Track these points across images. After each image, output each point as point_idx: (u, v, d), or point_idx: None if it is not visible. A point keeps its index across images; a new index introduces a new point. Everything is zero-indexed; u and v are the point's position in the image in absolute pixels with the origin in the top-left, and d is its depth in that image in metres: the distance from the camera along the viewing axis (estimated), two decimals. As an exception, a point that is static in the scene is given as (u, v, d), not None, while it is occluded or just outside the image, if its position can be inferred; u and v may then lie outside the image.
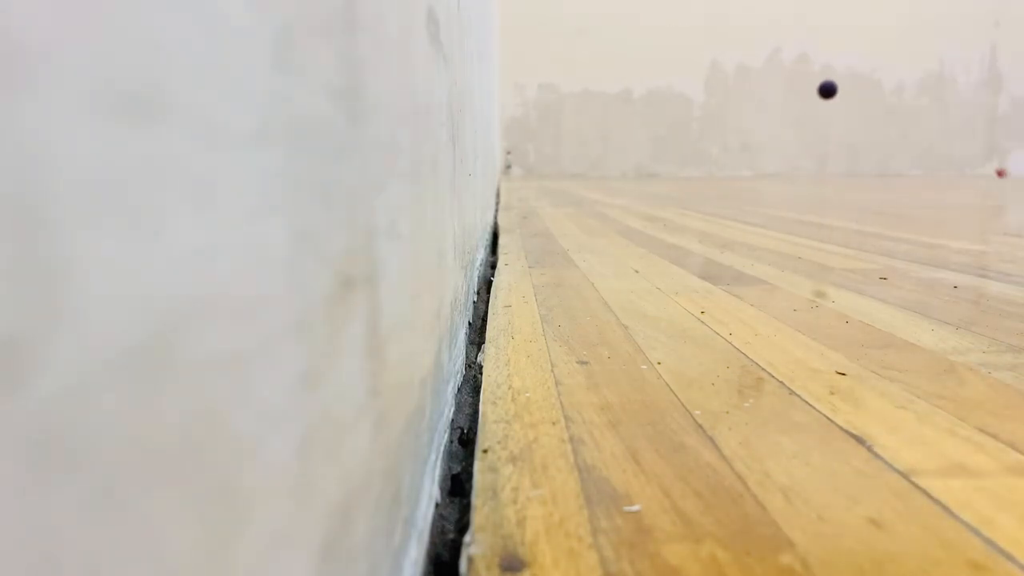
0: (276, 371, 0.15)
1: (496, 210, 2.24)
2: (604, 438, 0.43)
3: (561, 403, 0.49)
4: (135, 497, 0.10)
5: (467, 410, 0.51)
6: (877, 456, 0.40)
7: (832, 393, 0.51)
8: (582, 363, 0.59)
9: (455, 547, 0.33)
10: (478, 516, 0.33)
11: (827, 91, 3.08)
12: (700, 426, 0.44)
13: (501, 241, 1.46)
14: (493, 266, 1.16)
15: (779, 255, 1.24)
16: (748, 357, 0.60)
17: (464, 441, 0.45)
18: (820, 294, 0.88)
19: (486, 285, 0.99)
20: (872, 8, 6.72)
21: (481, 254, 1.10)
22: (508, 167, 6.40)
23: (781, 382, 0.53)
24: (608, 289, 0.92)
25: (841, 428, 0.44)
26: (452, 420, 0.47)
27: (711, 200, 2.83)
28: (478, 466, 0.39)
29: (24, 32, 0.08)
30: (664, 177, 6.14)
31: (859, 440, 0.42)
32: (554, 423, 0.45)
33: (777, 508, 0.34)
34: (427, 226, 0.39)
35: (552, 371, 0.56)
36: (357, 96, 0.22)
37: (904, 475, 0.37)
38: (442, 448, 0.40)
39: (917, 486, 0.36)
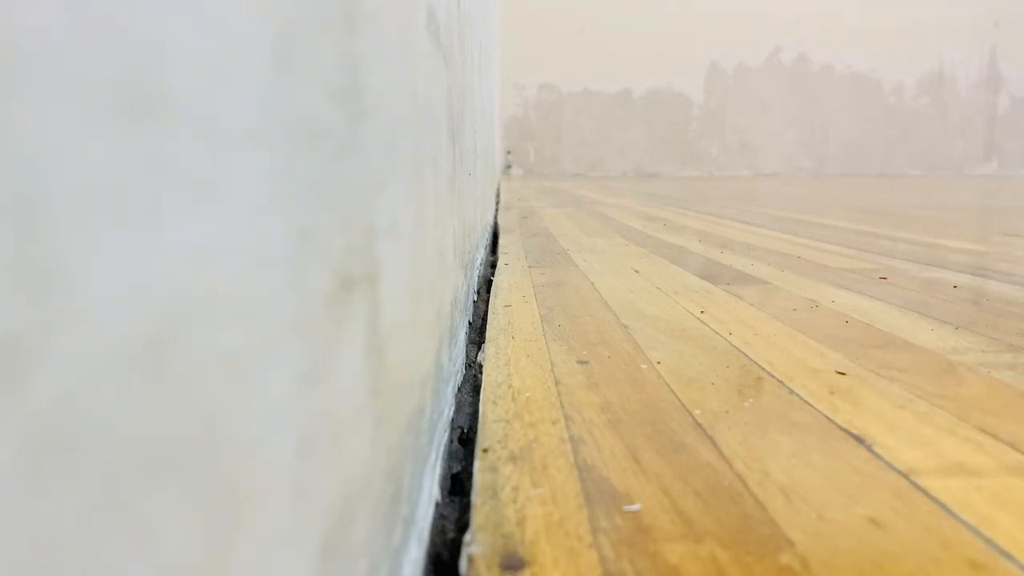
0: (276, 371, 0.15)
1: (496, 210, 2.24)
2: (604, 437, 0.43)
3: (561, 402, 0.49)
4: (135, 497, 0.10)
5: (467, 409, 0.51)
6: (877, 456, 0.40)
7: (832, 393, 0.51)
8: (582, 362, 0.59)
9: (455, 546, 0.33)
10: (478, 515, 0.33)
11: None
12: (700, 425, 0.44)
13: (501, 241, 1.46)
14: (493, 266, 1.16)
15: (779, 255, 1.24)
16: (748, 357, 0.60)
17: (464, 440, 0.45)
18: (820, 294, 0.88)
19: (486, 285, 0.99)
20: (872, 8, 6.71)
21: (481, 254, 1.10)
22: (508, 167, 6.40)
23: (781, 382, 0.53)
24: (608, 289, 0.92)
25: (841, 428, 0.44)
26: (452, 419, 0.47)
27: (711, 200, 2.83)
28: (478, 465, 0.39)
29: (24, 32, 0.08)
30: (664, 177, 6.14)
31: (859, 440, 0.42)
32: (554, 422, 0.45)
33: (777, 507, 0.34)
34: (427, 225, 0.39)
35: (552, 370, 0.56)
36: (357, 96, 0.22)
37: (904, 475, 0.37)
38: (442, 447, 0.40)
39: (917, 486, 0.36)
